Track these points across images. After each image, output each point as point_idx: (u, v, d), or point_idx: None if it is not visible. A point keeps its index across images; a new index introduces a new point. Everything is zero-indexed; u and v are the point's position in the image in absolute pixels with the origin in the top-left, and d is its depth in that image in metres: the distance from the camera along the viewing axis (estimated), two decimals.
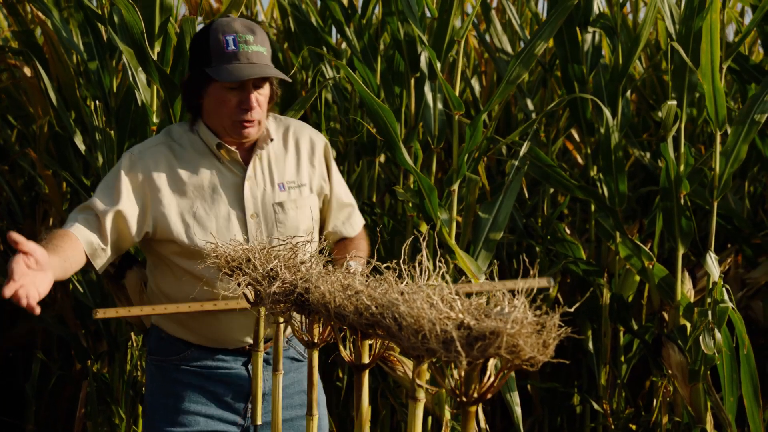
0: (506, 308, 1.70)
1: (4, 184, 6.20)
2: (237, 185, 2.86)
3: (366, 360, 2.09)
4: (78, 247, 2.70)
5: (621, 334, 4.67)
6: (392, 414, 4.47)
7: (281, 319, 2.39)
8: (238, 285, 2.31)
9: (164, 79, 3.39)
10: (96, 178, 4.13)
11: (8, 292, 2.27)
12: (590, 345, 4.75)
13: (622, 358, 4.66)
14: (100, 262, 2.78)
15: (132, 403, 3.72)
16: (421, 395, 1.91)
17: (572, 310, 1.72)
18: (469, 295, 1.84)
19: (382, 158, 4.83)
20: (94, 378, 3.74)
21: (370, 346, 2.09)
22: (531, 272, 1.94)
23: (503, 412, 5.50)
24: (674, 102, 3.96)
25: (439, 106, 4.01)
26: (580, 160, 5.79)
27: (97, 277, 4.12)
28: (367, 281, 1.98)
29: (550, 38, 3.93)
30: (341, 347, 2.10)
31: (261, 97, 2.82)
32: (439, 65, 3.84)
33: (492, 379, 1.72)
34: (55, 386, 4.73)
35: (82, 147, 3.87)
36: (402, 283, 1.93)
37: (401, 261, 1.98)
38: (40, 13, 4.40)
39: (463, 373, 1.71)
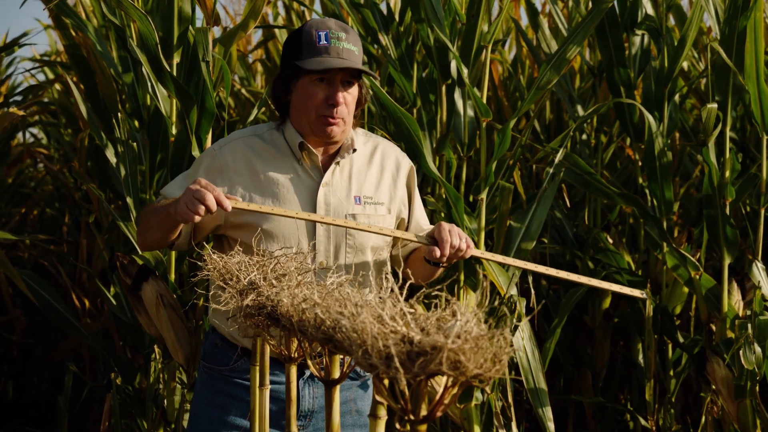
0: (458, 322, 1.62)
1: (69, 196, 6.33)
2: (312, 190, 2.81)
3: (336, 375, 2.03)
4: None
5: (669, 347, 4.49)
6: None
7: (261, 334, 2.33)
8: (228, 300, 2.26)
9: (179, 89, 3.37)
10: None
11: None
12: (640, 358, 4.59)
13: (671, 373, 4.48)
14: (176, 242, 2.86)
15: (154, 416, 3.70)
16: (382, 412, 1.83)
17: (521, 324, 1.63)
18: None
19: None
20: (117, 391, 3.74)
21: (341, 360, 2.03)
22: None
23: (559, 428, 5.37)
24: (715, 105, 3.80)
25: (470, 113, 3.91)
26: None
27: None
28: (324, 294, 1.92)
29: (584, 41, 3.80)
30: (309, 362, 2.05)
31: (349, 96, 2.78)
32: (466, 71, 3.75)
33: (440, 396, 1.64)
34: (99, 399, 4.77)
35: (113, 159, 3.89)
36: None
37: (385, 275, 1.91)
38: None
39: (407, 390, 1.64)
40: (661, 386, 4.60)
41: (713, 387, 3.92)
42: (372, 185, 2.90)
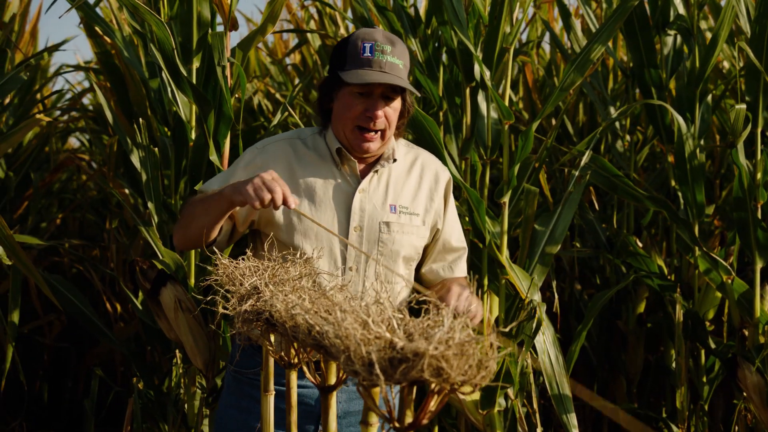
0: (445, 327, 1.59)
1: (108, 202, 6.37)
2: (348, 195, 2.82)
3: (332, 381, 2.01)
4: None
5: (702, 353, 4.39)
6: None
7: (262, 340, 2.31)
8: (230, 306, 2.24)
9: (197, 94, 3.37)
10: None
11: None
12: (674, 365, 4.50)
13: (704, 379, 4.38)
14: (218, 239, 2.83)
15: (175, 421, 3.70)
16: (373, 419, 1.81)
17: (507, 329, 1.59)
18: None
19: None
20: (139, 395, 3.75)
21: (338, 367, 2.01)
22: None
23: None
24: (743, 106, 3.71)
25: (493, 115, 3.86)
26: None
27: None
28: (315, 299, 1.90)
29: (608, 41, 3.72)
30: (305, 368, 2.03)
31: (390, 110, 2.78)
32: (488, 74, 3.70)
33: (426, 403, 1.60)
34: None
35: (138, 165, 3.89)
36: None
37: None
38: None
39: (392, 396, 1.61)
40: (696, 393, 4.50)
41: (745, 394, 3.83)
42: (409, 196, 2.89)
